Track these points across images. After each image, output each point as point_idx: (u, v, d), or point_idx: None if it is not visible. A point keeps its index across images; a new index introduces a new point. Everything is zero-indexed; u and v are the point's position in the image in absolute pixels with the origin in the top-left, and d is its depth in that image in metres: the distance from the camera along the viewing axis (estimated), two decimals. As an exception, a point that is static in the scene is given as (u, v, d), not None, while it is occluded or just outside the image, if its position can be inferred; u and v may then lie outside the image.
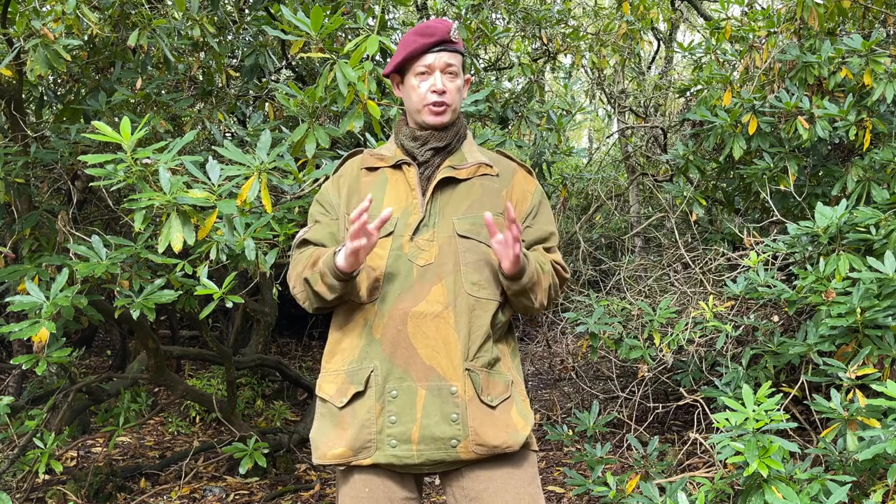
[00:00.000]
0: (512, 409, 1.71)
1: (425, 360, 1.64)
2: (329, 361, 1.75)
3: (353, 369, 1.69)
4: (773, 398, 2.18)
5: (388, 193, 1.74)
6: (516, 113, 3.97)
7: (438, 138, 1.76)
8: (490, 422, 1.66)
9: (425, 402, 1.63)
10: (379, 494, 1.68)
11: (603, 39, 4.90)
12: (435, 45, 1.72)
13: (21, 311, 2.31)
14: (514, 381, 1.75)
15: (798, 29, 3.79)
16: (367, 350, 1.68)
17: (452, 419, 1.63)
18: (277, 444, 3.89)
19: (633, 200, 6.40)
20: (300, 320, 7.24)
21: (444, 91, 1.72)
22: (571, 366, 4.76)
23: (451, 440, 1.64)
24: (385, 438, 1.64)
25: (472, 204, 1.74)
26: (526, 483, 1.71)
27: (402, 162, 1.76)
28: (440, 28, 1.73)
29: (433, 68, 1.73)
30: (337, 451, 1.67)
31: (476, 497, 1.68)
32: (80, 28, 2.87)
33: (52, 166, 3.10)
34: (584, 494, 3.30)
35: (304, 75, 4.68)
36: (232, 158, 2.12)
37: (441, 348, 1.64)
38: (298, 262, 1.76)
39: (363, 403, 1.66)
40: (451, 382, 1.64)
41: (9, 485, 3.21)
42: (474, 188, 1.76)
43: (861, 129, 3.38)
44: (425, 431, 1.63)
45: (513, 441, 1.68)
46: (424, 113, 1.74)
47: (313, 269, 1.69)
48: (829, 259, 2.84)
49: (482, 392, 1.67)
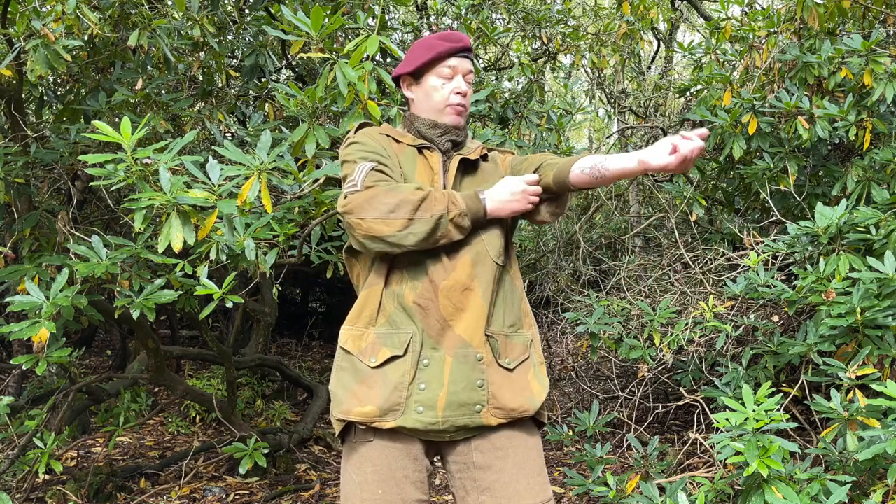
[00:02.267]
0: (529, 372, 1.78)
1: (456, 331, 1.69)
2: (357, 318, 1.77)
3: (387, 332, 1.72)
4: (773, 398, 2.18)
5: (418, 169, 1.79)
6: (516, 113, 3.97)
7: (456, 133, 1.85)
8: (507, 385, 1.73)
9: (452, 368, 1.68)
10: (393, 496, 1.69)
11: (603, 39, 4.90)
12: (460, 50, 1.82)
13: (21, 311, 2.31)
14: (533, 340, 1.83)
15: (798, 29, 3.79)
16: (402, 316, 1.71)
17: (479, 385, 1.70)
18: (277, 444, 3.89)
19: (633, 200, 6.40)
20: (300, 320, 7.25)
21: (466, 94, 1.84)
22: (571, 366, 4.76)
23: (475, 405, 1.69)
24: (412, 404, 1.68)
25: (479, 183, 1.82)
26: (535, 473, 1.76)
27: (424, 146, 1.82)
28: (463, 37, 1.84)
29: (457, 71, 1.83)
30: (365, 409, 1.69)
31: (488, 488, 1.72)
32: (81, 28, 2.87)
33: (52, 166, 3.10)
34: (584, 494, 3.30)
35: (304, 75, 4.68)
36: (232, 158, 2.12)
37: (470, 318, 1.70)
38: (406, 190, 1.66)
39: (398, 367, 1.69)
40: (477, 349, 1.70)
41: (9, 485, 3.21)
42: (479, 170, 1.86)
43: (861, 129, 3.38)
44: (452, 398, 1.68)
45: (529, 405, 1.75)
46: (447, 112, 1.83)
47: (453, 206, 1.66)
48: (829, 259, 2.84)
49: (500, 356, 1.73)
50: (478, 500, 1.72)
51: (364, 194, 1.66)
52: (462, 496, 1.75)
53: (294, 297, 7.50)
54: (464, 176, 1.83)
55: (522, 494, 1.71)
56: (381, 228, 1.64)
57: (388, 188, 1.66)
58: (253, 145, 2.58)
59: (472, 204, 1.70)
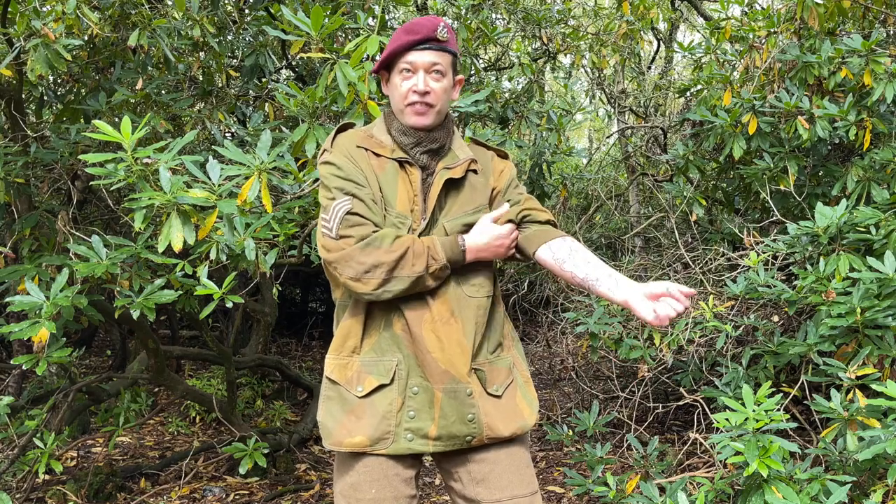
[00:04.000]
0: (517, 395, 1.77)
1: (441, 364, 1.67)
2: (341, 347, 1.73)
3: (372, 360, 1.70)
4: (773, 398, 2.18)
5: (399, 193, 1.71)
6: (516, 113, 3.97)
7: (431, 139, 1.73)
8: (499, 413, 1.72)
9: (442, 403, 1.67)
10: (386, 494, 1.70)
11: (603, 39, 4.90)
12: (419, 42, 1.66)
13: (21, 311, 2.31)
14: (514, 363, 1.80)
15: (798, 29, 3.79)
16: (388, 344, 1.69)
17: (469, 419, 1.69)
18: (277, 444, 3.89)
19: (633, 200, 6.39)
20: (300, 320, 7.24)
21: (427, 92, 1.67)
22: (571, 366, 4.76)
23: (466, 437, 1.70)
24: (402, 432, 1.67)
25: (464, 201, 1.75)
26: (525, 465, 1.78)
27: (404, 161, 1.72)
28: (426, 25, 1.66)
29: (416, 67, 1.67)
30: (355, 440, 1.68)
31: (482, 480, 1.73)
32: (81, 28, 2.87)
33: (52, 166, 3.10)
34: (584, 494, 3.29)
35: (304, 75, 4.68)
36: (232, 158, 2.12)
37: (455, 351, 1.67)
38: (381, 248, 1.61)
39: (385, 395, 1.68)
40: (466, 385, 1.68)
41: (9, 485, 3.21)
42: (465, 186, 1.76)
43: (861, 129, 3.38)
44: (443, 431, 1.68)
45: (521, 429, 1.76)
46: (406, 113, 1.70)
47: (433, 261, 1.63)
48: (829, 259, 2.84)
49: (487, 384, 1.72)
50: (474, 491, 1.73)
51: (339, 252, 1.62)
52: (459, 488, 1.76)
53: (294, 297, 7.50)
54: (448, 192, 1.74)
55: (516, 485, 1.74)
56: (356, 286, 1.62)
57: (362, 246, 1.60)
58: (253, 145, 2.58)
59: (452, 255, 1.66)
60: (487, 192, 1.79)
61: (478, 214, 1.75)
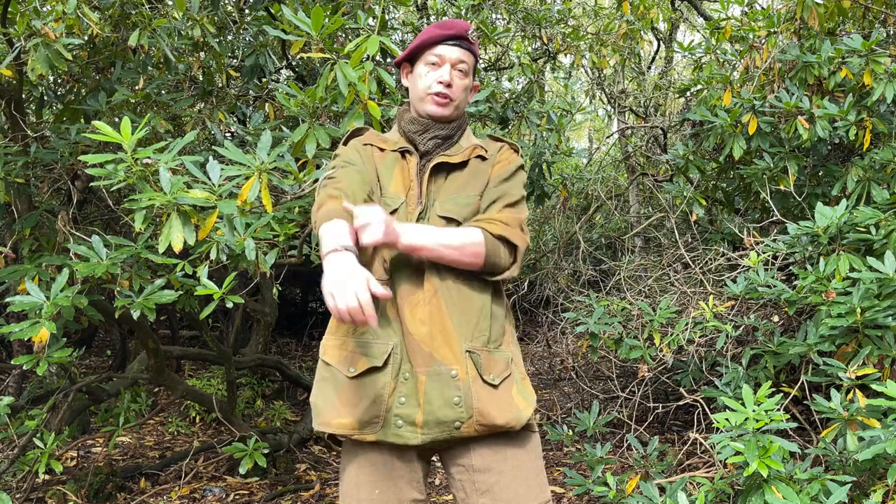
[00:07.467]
0: (513, 389, 1.73)
1: (424, 347, 1.66)
2: (338, 327, 1.74)
3: (367, 341, 1.69)
4: (773, 398, 2.18)
5: (395, 177, 1.76)
6: (516, 113, 3.97)
7: (440, 128, 1.78)
8: (493, 401, 1.68)
9: (426, 387, 1.65)
10: (389, 496, 1.69)
11: (603, 39, 4.90)
12: (450, 38, 1.76)
13: (21, 311, 2.31)
14: (513, 358, 1.78)
15: (798, 29, 3.79)
16: (384, 326, 1.68)
17: (455, 402, 1.65)
18: (277, 444, 3.89)
19: (633, 200, 6.40)
20: (300, 320, 7.25)
21: (451, 84, 1.76)
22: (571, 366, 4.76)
23: (454, 422, 1.66)
24: (392, 418, 1.66)
25: (460, 186, 1.76)
26: (534, 475, 1.74)
27: (404, 150, 1.78)
28: (459, 25, 1.77)
29: (444, 60, 1.76)
30: (343, 420, 1.67)
31: (487, 490, 1.70)
32: (81, 28, 2.87)
33: (52, 166, 3.10)
34: (584, 494, 3.29)
35: (304, 75, 4.68)
36: (232, 158, 2.12)
37: (438, 334, 1.66)
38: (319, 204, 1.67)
39: (378, 379, 1.66)
40: (450, 366, 1.66)
41: (9, 485, 3.21)
42: (465, 172, 1.78)
43: (861, 129, 3.38)
44: (429, 416, 1.65)
45: (515, 420, 1.70)
46: (427, 101, 1.76)
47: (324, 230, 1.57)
48: (829, 259, 2.84)
49: (484, 372, 1.69)
50: (478, 502, 1.71)
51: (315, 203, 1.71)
52: (462, 497, 1.74)
53: (294, 297, 7.50)
54: (447, 176, 1.77)
55: (522, 497, 1.70)
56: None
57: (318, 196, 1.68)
58: (253, 145, 2.58)
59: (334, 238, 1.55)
60: (486, 179, 1.79)
61: (473, 198, 1.74)
